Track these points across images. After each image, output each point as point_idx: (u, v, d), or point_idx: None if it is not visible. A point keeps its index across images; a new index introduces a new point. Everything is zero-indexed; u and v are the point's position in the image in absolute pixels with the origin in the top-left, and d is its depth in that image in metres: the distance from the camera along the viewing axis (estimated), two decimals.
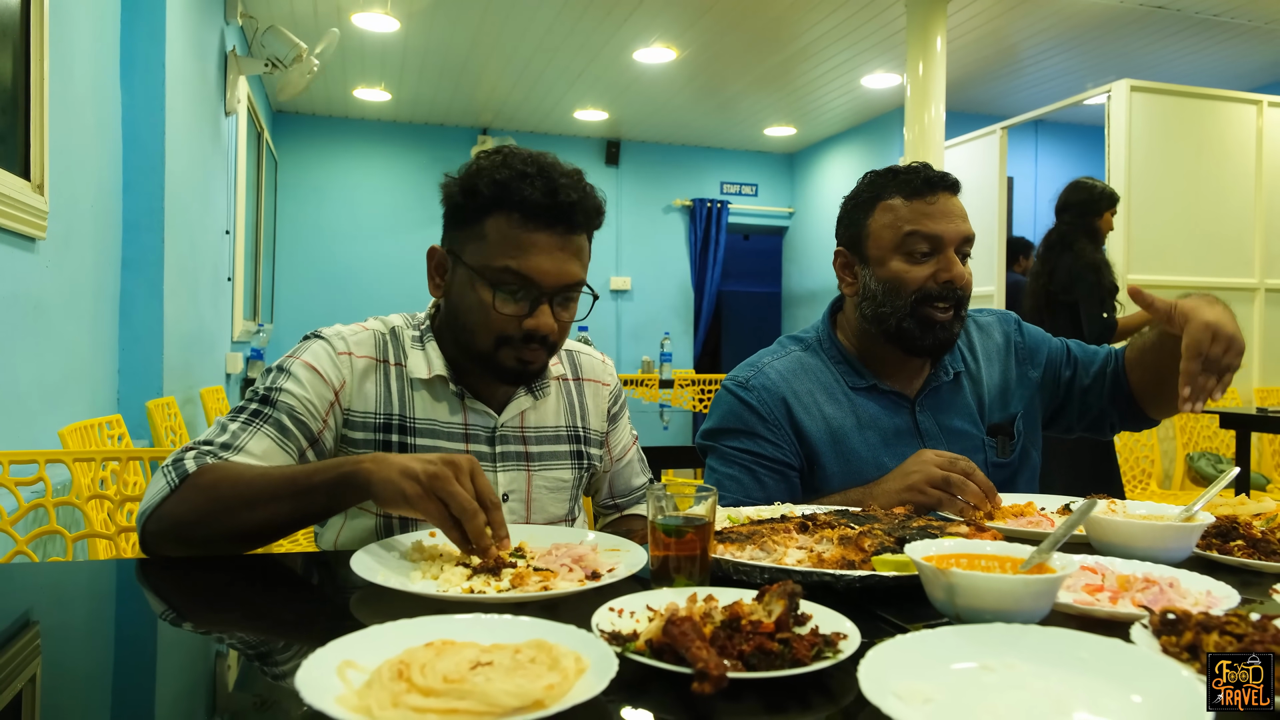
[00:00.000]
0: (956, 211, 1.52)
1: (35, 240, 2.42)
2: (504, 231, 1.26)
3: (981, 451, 1.58)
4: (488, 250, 1.27)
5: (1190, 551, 1.13)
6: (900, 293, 1.50)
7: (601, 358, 1.58)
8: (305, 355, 1.31)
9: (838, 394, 1.57)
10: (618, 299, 8.74)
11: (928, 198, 1.50)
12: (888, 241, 1.51)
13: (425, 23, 5.62)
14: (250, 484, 1.13)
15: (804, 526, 1.14)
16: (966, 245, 1.52)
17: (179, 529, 1.15)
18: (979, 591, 0.83)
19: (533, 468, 1.41)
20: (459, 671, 0.65)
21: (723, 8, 5.31)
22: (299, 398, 1.27)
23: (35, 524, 1.71)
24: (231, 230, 5.18)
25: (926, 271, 1.49)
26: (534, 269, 1.25)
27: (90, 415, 2.73)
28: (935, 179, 1.52)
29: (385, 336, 1.37)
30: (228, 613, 1.00)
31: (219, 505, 1.13)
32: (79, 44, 2.79)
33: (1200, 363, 1.32)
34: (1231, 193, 4.95)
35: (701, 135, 8.63)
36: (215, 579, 1.12)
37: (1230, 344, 1.34)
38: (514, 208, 1.25)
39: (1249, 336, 4.95)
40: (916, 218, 1.49)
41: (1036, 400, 1.66)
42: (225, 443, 1.21)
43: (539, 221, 1.25)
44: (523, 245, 1.25)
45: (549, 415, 1.45)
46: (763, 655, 0.71)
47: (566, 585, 0.96)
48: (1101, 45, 5.88)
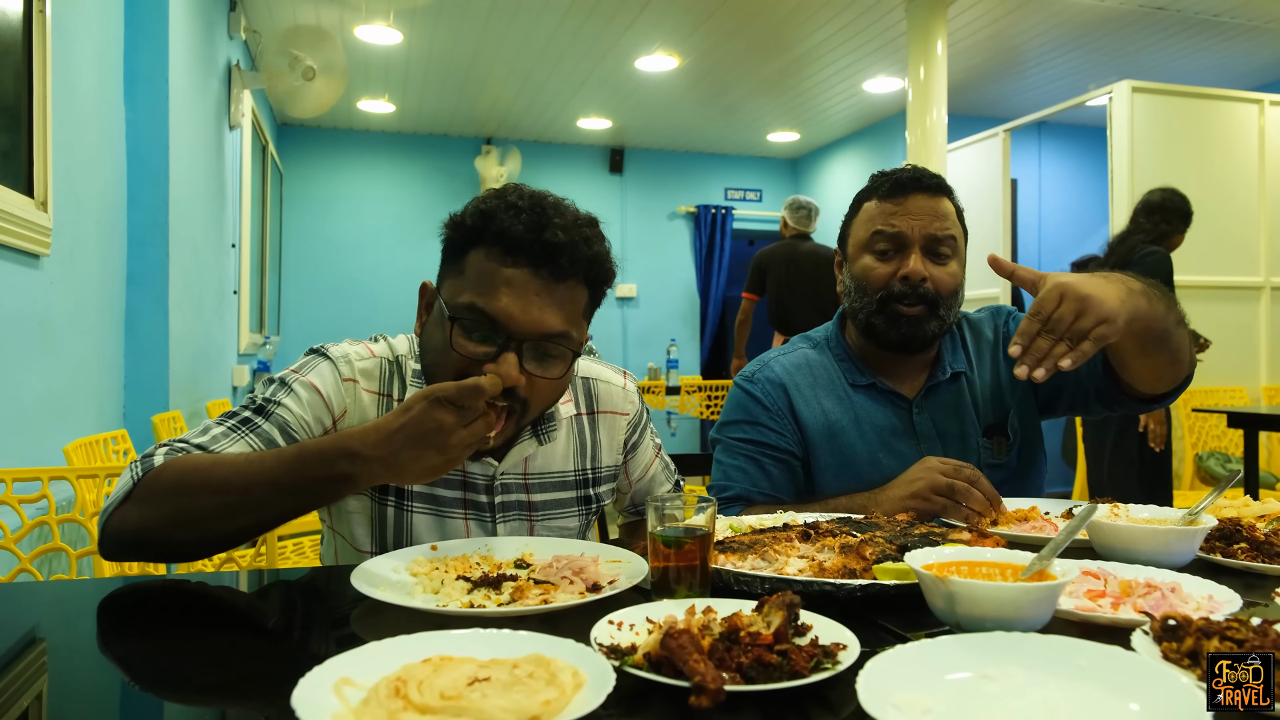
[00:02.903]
0: (927, 210, 1.53)
1: (40, 257, 2.43)
2: (480, 266, 1.15)
3: (976, 453, 1.58)
4: (460, 286, 1.16)
5: (1194, 555, 1.13)
6: (867, 290, 1.55)
7: (623, 383, 1.46)
8: (310, 375, 1.25)
9: (839, 390, 1.60)
10: (623, 306, 8.75)
11: (897, 198, 1.54)
12: (860, 240, 1.58)
13: (428, 34, 5.64)
14: (226, 484, 1.05)
15: (806, 535, 1.14)
16: (940, 244, 1.53)
17: (140, 532, 1.07)
18: (978, 600, 0.82)
19: (535, 518, 1.33)
20: (456, 688, 0.65)
21: (724, 15, 5.32)
22: (296, 415, 1.20)
23: (39, 541, 1.72)
24: (237, 243, 5.21)
25: (890, 269, 1.53)
26: (500, 310, 1.12)
27: (96, 431, 2.74)
28: (908, 180, 1.55)
29: (390, 366, 1.29)
30: (228, 629, 1.00)
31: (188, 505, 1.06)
32: (82, 60, 2.81)
33: (1040, 322, 1.19)
34: (1235, 192, 4.93)
35: (705, 142, 8.64)
36: (217, 595, 1.12)
37: (1084, 307, 1.18)
38: (494, 241, 1.14)
39: (1255, 335, 4.94)
40: (883, 217, 1.54)
41: (1029, 394, 1.63)
42: (201, 444, 1.13)
43: (518, 258, 1.13)
44: (494, 283, 1.13)
45: (556, 459, 1.35)
46: (761, 667, 0.71)
47: (566, 598, 0.96)
48: (1103, 46, 5.87)
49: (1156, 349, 1.37)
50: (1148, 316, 1.29)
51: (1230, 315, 4.90)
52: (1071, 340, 1.19)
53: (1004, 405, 1.62)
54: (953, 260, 1.54)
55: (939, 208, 1.54)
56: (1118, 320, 1.20)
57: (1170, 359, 1.39)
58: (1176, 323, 1.36)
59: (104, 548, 1.11)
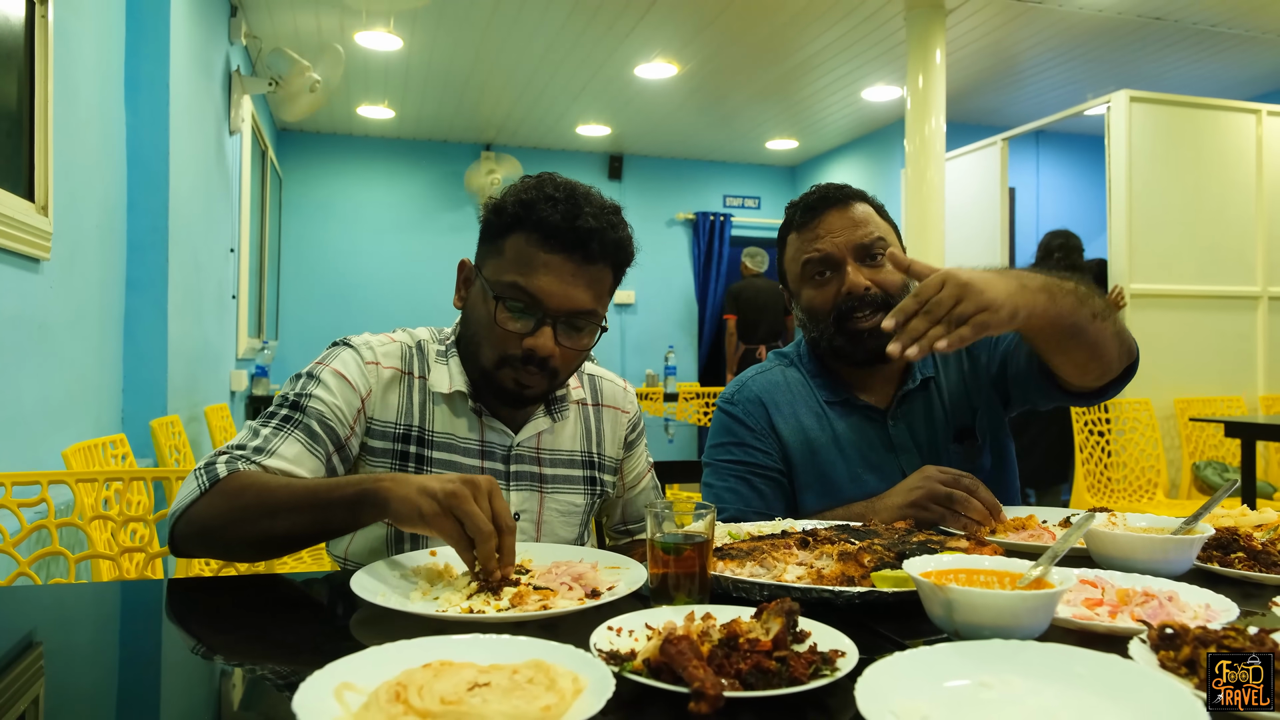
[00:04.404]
0: (844, 224, 1.54)
1: (40, 261, 2.43)
2: (520, 249, 1.28)
3: (949, 462, 1.57)
4: (502, 266, 1.29)
5: (1191, 564, 1.13)
6: (818, 317, 1.56)
7: (623, 385, 1.57)
8: (334, 363, 1.32)
9: (815, 407, 1.61)
10: (621, 313, 8.75)
11: (811, 223, 1.56)
12: (795, 275, 1.60)
13: (428, 40, 5.66)
14: (274, 494, 1.14)
15: (804, 542, 1.14)
16: (870, 249, 1.52)
17: (205, 532, 1.16)
18: (976, 607, 0.83)
19: (545, 490, 1.41)
20: (456, 693, 0.65)
21: (723, 22, 5.34)
22: (328, 404, 1.28)
23: (38, 545, 1.71)
24: (236, 248, 5.21)
25: (831, 290, 1.54)
26: (540, 288, 1.26)
27: (94, 435, 2.74)
28: (815, 202, 1.56)
29: (412, 349, 1.39)
30: (228, 634, 1.00)
31: (242, 512, 1.14)
32: (83, 65, 2.82)
33: (919, 303, 1.20)
34: (1233, 201, 4.94)
35: (703, 149, 8.66)
36: (217, 600, 1.12)
37: (965, 293, 1.19)
38: (534, 228, 1.27)
39: (1252, 345, 4.95)
40: (807, 244, 1.56)
41: (993, 391, 1.63)
42: (258, 446, 1.22)
43: (555, 243, 1.26)
44: (534, 264, 1.27)
45: (565, 439, 1.45)
46: (760, 674, 0.71)
47: (566, 604, 0.96)
48: (1100, 56, 5.90)
49: (1071, 344, 1.37)
50: (1048, 313, 1.29)
51: (1227, 325, 4.91)
52: (951, 325, 1.18)
53: (971, 406, 1.62)
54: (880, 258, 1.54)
55: (855, 215, 1.55)
56: (1000, 310, 1.20)
57: (1089, 353, 1.39)
58: (1092, 317, 1.34)
59: (175, 545, 1.19)
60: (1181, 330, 4.74)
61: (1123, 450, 4.33)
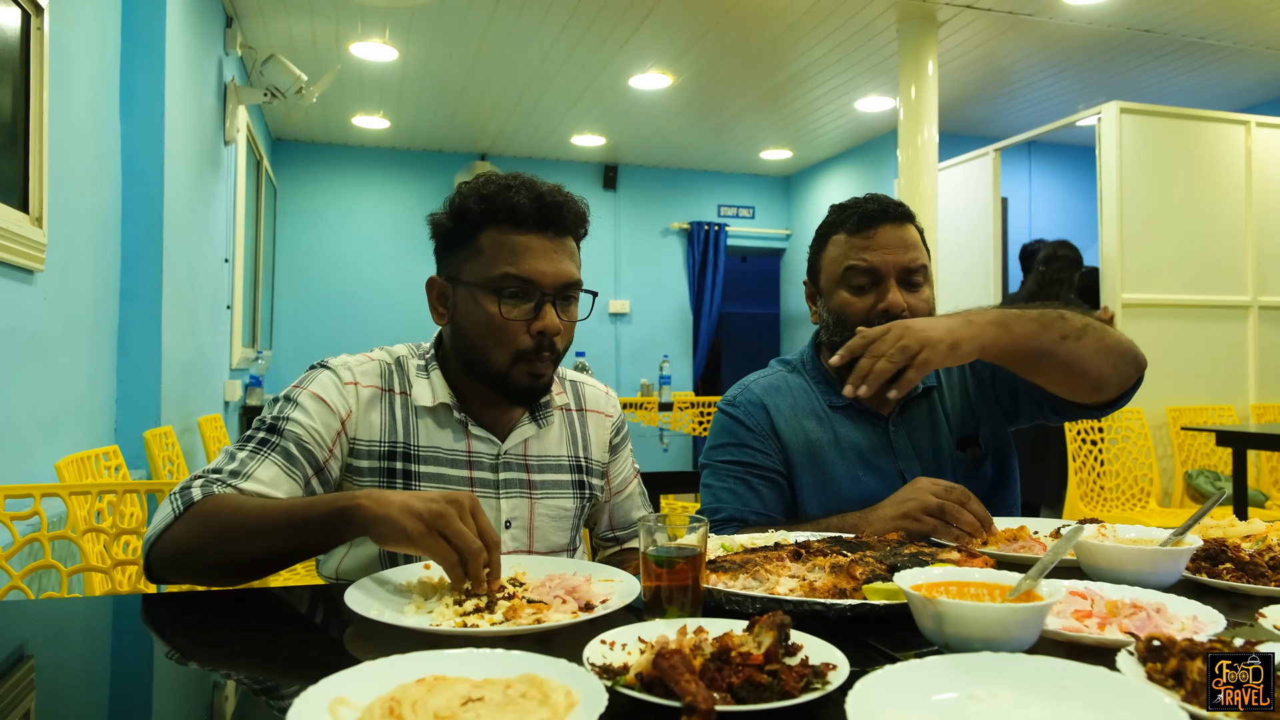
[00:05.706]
0: (897, 242, 1.55)
1: (33, 273, 2.43)
2: (498, 241, 1.31)
3: (952, 466, 1.60)
4: (485, 262, 1.31)
5: (1179, 575, 1.14)
6: (845, 323, 1.57)
7: (605, 390, 1.60)
8: (312, 386, 1.33)
9: (818, 411, 1.63)
10: (616, 322, 8.76)
11: (866, 232, 1.56)
12: (833, 275, 1.60)
13: (423, 51, 5.67)
14: (250, 515, 1.14)
15: (797, 555, 1.15)
16: (913, 274, 1.56)
17: (181, 557, 1.16)
18: (966, 620, 0.83)
19: (535, 496, 1.42)
20: (450, 709, 0.65)
21: (717, 34, 5.36)
22: (305, 427, 1.28)
23: (30, 558, 1.71)
24: (231, 258, 5.20)
25: (868, 303, 1.56)
26: (532, 270, 1.29)
27: (88, 446, 2.73)
28: (875, 213, 1.57)
29: (390, 366, 1.40)
30: (221, 648, 1.00)
31: (218, 535, 1.14)
32: (78, 76, 2.82)
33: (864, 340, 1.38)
34: (1223, 212, 4.97)
35: (698, 159, 8.68)
36: (209, 614, 1.12)
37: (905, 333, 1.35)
38: (504, 218, 1.30)
39: (1243, 354, 4.98)
40: (855, 252, 1.57)
41: (995, 404, 1.66)
42: (234, 470, 1.22)
43: (529, 225, 1.30)
44: (518, 250, 1.30)
45: (551, 444, 1.47)
46: (752, 688, 0.72)
47: (559, 618, 0.96)
48: (1091, 67, 5.93)
49: (1039, 367, 1.46)
50: (1000, 342, 1.40)
51: (1218, 334, 4.93)
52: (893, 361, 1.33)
53: (974, 417, 1.65)
54: (925, 286, 1.58)
55: (908, 237, 1.57)
56: (938, 345, 1.34)
57: (1065, 373, 1.46)
58: (1060, 339, 1.42)
59: (150, 571, 1.19)
60: (1173, 340, 4.76)
61: (1115, 459, 4.34)
